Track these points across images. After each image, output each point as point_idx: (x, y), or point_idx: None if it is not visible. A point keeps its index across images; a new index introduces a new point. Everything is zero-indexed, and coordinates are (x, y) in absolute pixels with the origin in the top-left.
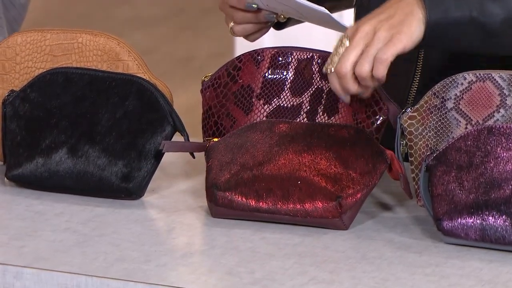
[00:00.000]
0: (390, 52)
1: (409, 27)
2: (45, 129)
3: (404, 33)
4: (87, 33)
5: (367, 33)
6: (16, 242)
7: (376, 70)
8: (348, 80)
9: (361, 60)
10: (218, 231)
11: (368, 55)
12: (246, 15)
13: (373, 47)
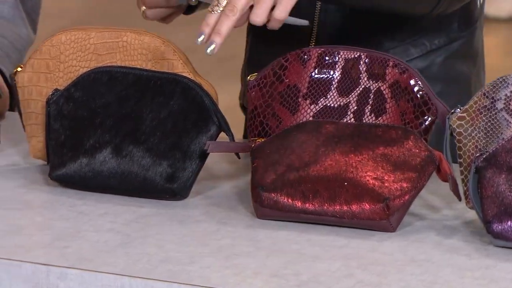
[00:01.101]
0: (286, 12)
1: None
2: (89, 128)
3: None
4: (132, 32)
5: None
6: (60, 243)
7: (272, 25)
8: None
9: (256, 10)
10: (264, 232)
11: (264, 5)
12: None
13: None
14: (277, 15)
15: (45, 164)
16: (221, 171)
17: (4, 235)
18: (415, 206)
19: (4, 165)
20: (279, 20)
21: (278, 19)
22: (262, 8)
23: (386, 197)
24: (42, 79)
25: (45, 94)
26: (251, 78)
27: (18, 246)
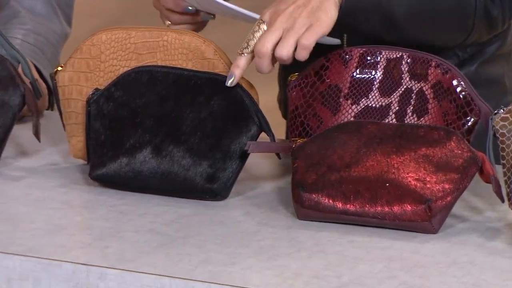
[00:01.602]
0: (313, 39)
1: (326, 13)
2: (130, 128)
3: (323, 20)
4: (172, 31)
5: (287, 19)
6: (100, 243)
7: (298, 55)
8: (266, 60)
9: (282, 43)
10: (305, 233)
11: (290, 39)
12: (183, 17)
13: (294, 32)
14: (302, 42)
15: (85, 163)
16: (261, 172)
17: (44, 235)
18: (457, 208)
19: (44, 164)
20: (304, 48)
21: (304, 47)
22: (288, 41)
23: (428, 199)
24: (83, 78)
25: (85, 94)
26: (292, 78)
27: (58, 246)
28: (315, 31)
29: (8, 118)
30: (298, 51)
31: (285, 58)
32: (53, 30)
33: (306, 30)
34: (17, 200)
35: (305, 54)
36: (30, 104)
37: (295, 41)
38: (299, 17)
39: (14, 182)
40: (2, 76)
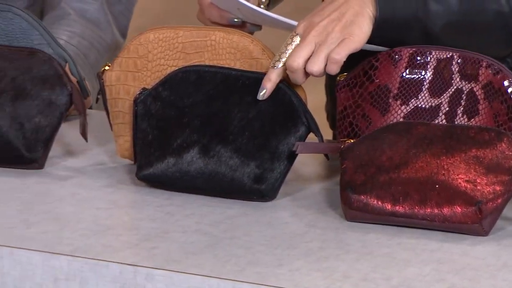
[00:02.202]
0: (344, 53)
1: (360, 28)
2: (177, 128)
3: (356, 35)
4: (220, 31)
5: (320, 33)
6: (147, 243)
7: (329, 69)
8: (298, 74)
9: (313, 58)
10: (353, 235)
11: (321, 54)
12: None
13: (326, 47)
14: (333, 57)
15: (132, 163)
16: (309, 172)
17: (91, 235)
18: (508, 210)
19: (91, 164)
20: (335, 62)
21: (335, 61)
22: (319, 56)
23: (479, 201)
24: (130, 78)
25: (133, 93)
26: (340, 78)
27: (105, 246)
28: (347, 46)
29: (55, 118)
30: (329, 65)
31: (316, 73)
32: (102, 37)
33: (338, 45)
34: (64, 200)
35: (336, 68)
36: (77, 103)
37: (326, 56)
38: (332, 32)
39: (61, 182)
40: (49, 75)
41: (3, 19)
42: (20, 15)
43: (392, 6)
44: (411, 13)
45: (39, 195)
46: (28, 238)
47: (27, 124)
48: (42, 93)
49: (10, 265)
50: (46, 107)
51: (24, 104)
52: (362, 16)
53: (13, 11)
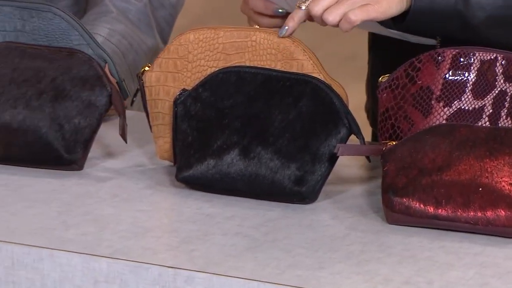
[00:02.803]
0: (360, 16)
1: (388, 2)
2: (217, 129)
3: (382, 6)
4: (261, 31)
5: None
6: (187, 246)
7: (342, 26)
8: (316, 19)
9: (332, 8)
10: (394, 238)
11: (341, 7)
12: (273, 20)
13: (349, 3)
14: (349, 16)
15: (172, 165)
16: (350, 175)
17: (131, 237)
18: None
19: (130, 165)
20: (349, 22)
21: (349, 21)
22: (338, 9)
23: None
24: (170, 78)
25: (173, 94)
26: (382, 80)
27: (145, 249)
28: (367, 12)
29: (94, 119)
30: (342, 21)
31: (329, 24)
32: (142, 39)
33: (360, 7)
34: (104, 201)
35: (348, 27)
36: (117, 104)
37: (344, 11)
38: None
39: (100, 183)
40: (89, 76)
41: (42, 19)
42: (59, 15)
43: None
44: (451, 5)
45: (79, 196)
46: (68, 240)
47: (66, 125)
48: (82, 94)
49: (50, 267)
50: (86, 108)
51: (63, 105)
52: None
53: (53, 11)
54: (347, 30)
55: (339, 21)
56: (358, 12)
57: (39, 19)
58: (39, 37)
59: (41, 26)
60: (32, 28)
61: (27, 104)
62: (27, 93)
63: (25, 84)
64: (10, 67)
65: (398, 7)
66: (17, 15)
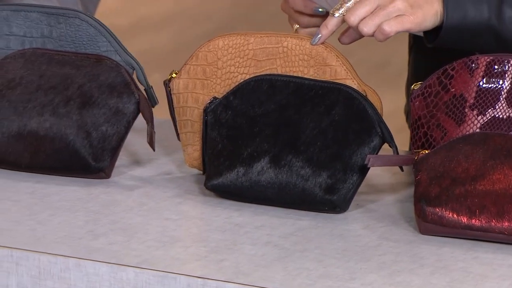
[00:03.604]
0: (395, 28)
1: (424, 15)
2: (247, 137)
3: (417, 17)
4: (292, 37)
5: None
6: (216, 256)
7: (376, 37)
8: (353, 29)
9: (367, 19)
10: (427, 248)
11: (376, 18)
12: (312, 19)
13: (384, 14)
14: (384, 27)
15: (200, 173)
16: (382, 184)
17: (159, 247)
18: None
19: (158, 174)
20: (383, 33)
21: (383, 32)
22: (373, 20)
23: None
24: (199, 85)
25: (202, 101)
26: (415, 87)
27: (173, 259)
28: (402, 23)
29: (122, 126)
30: (377, 32)
31: (365, 35)
32: None
33: (395, 18)
34: (131, 210)
35: (382, 38)
36: (145, 112)
37: (380, 22)
38: (396, 1)
39: (128, 192)
40: (117, 83)
41: (70, 25)
42: (86, 21)
43: (462, 13)
44: (484, 21)
45: (106, 205)
46: (95, 249)
47: (94, 132)
48: (109, 101)
49: (77, 276)
50: (113, 115)
51: (91, 112)
52: (431, 6)
53: (80, 17)
54: (382, 41)
55: (374, 31)
56: (393, 23)
57: (66, 25)
58: (66, 43)
59: (68, 32)
60: (59, 34)
61: (54, 111)
62: (54, 100)
63: (52, 91)
64: (37, 74)
65: (433, 20)
66: (44, 21)
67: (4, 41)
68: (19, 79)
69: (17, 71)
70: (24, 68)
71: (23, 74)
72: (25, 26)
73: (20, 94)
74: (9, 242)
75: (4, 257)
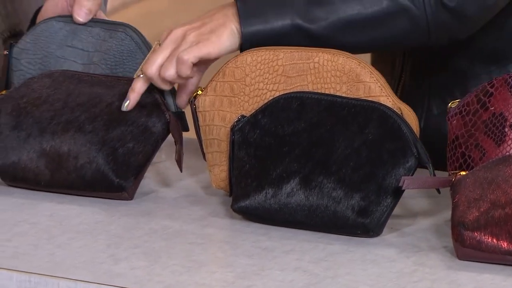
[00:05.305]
0: (192, 54)
1: (218, 36)
2: (276, 157)
3: (212, 41)
4: (324, 52)
5: (177, 37)
6: (243, 282)
7: (179, 71)
8: (156, 81)
9: (166, 63)
10: (465, 275)
11: (172, 58)
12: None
13: (179, 50)
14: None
15: (227, 195)
16: (418, 206)
17: (184, 272)
18: None
19: (183, 195)
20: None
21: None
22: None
23: None
24: (226, 103)
25: (229, 120)
26: (452, 105)
27: (199, 284)
28: (198, 48)
29: (149, 145)
30: (177, 65)
31: (168, 78)
32: None
33: (190, 46)
34: (155, 233)
35: (184, 69)
36: (174, 132)
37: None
38: (188, 36)
39: (151, 214)
40: (147, 103)
41: (116, 39)
42: (130, 36)
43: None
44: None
45: (128, 228)
46: (117, 274)
47: (120, 149)
48: (138, 120)
49: None
50: (141, 134)
51: (118, 129)
52: (224, 27)
53: (127, 31)
54: (188, 75)
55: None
56: (189, 50)
57: (114, 39)
58: (109, 56)
59: (113, 46)
60: (106, 48)
61: (79, 127)
62: (80, 117)
63: (79, 109)
64: (65, 93)
65: (232, 39)
66: (102, 37)
67: (63, 51)
68: (46, 97)
69: (43, 90)
70: (51, 87)
71: (49, 92)
72: (86, 41)
73: (45, 111)
74: (27, 267)
75: (21, 283)
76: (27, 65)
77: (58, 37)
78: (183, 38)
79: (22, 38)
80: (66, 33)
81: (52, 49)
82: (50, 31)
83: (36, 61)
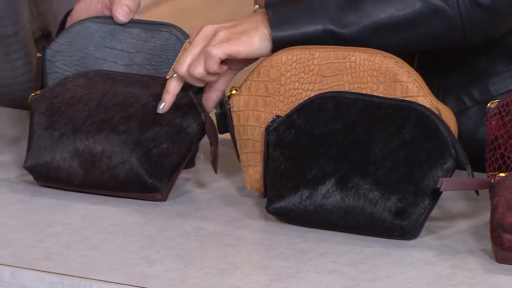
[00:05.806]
0: (221, 49)
1: (249, 37)
2: (312, 158)
3: (243, 40)
4: (361, 52)
5: (208, 35)
6: (278, 284)
7: (206, 65)
8: (188, 80)
9: (194, 61)
10: (505, 279)
11: (202, 57)
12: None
13: (208, 47)
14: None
15: (261, 196)
16: (456, 208)
17: (217, 274)
18: None
19: (217, 196)
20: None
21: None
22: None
23: None
24: (260, 103)
25: (263, 120)
26: (491, 105)
27: (233, 287)
28: (227, 45)
29: (184, 145)
30: (205, 60)
31: (197, 76)
32: None
33: (220, 43)
34: (188, 235)
35: (211, 64)
36: (210, 134)
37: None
38: (219, 33)
39: (184, 216)
40: (182, 104)
41: (160, 39)
42: (175, 36)
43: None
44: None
45: (161, 230)
46: (150, 276)
47: (154, 149)
48: (173, 120)
49: None
50: (176, 134)
51: (153, 129)
52: (256, 30)
53: (171, 31)
54: (215, 70)
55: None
56: (218, 46)
57: (157, 39)
58: (153, 56)
59: (157, 46)
60: (149, 48)
61: (113, 127)
62: (114, 117)
63: (114, 109)
64: (100, 93)
65: (261, 41)
66: (143, 37)
67: (102, 52)
68: (80, 97)
69: (78, 89)
70: (86, 87)
71: (84, 92)
72: (126, 42)
73: (79, 111)
74: (59, 268)
75: (54, 284)
76: (62, 67)
77: (95, 38)
78: (213, 35)
79: (56, 40)
80: (104, 34)
81: (90, 50)
82: (87, 32)
83: (72, 62)
